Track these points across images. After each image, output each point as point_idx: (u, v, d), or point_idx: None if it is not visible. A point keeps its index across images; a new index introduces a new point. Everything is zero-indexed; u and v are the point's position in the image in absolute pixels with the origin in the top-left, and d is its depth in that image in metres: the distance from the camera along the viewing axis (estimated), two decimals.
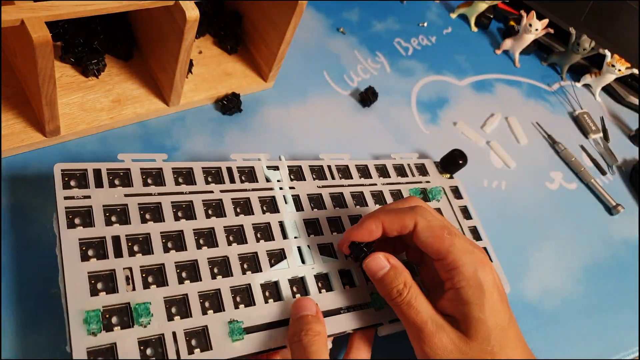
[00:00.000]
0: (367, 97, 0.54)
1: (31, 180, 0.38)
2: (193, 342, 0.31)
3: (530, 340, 0.45)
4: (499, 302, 0.33)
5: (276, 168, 0.42)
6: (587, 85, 0.74)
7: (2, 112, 0.39)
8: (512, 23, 0.73)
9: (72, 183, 0.33)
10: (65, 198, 0.32)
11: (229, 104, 0.47)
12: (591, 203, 0.59)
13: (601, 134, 0.67)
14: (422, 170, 0.49)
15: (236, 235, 0.37)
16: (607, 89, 0.75)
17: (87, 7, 0.32)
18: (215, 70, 0.49)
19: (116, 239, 0.32)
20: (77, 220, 0.32)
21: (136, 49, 0.46)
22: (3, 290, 0.33)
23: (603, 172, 0.63)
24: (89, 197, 0.33)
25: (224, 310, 0.33)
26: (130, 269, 0.32)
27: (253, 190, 0.39)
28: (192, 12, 0.35)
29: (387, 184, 0.46)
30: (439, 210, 0.47)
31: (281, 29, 0.45)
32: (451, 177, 0.50)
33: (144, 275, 0.32)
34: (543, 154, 0.61)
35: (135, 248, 0.33)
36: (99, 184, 0.34)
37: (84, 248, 0.31)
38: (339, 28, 0.61)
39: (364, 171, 0.46)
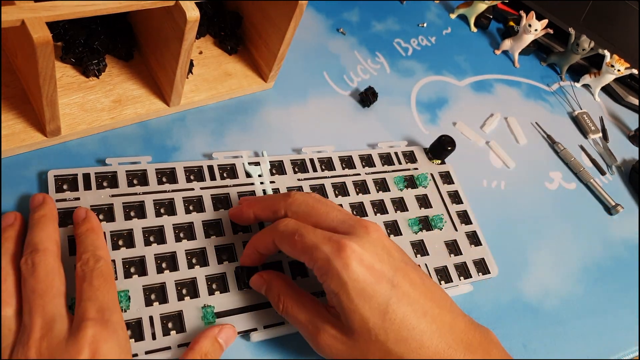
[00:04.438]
0: (366, 98, 0.54)
1: (32, 181, 0.38)
2: (169, 325, 0.34)
3: (530, 340, 0.45)
4: (370, 283, 0.30)
5: (257, 164, 0.44)
6: (586, 86, 0.74)
7: (3, 112, 0.39)
8: (511, 23, 0.73)
9: (65, 186, 0.37)
10: (57, 200, 0.36)
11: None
12: (590, 203, 0.59)
13: (600, 134, 0.67)
14: (411, 157, 0.51)
15: (215, 228, 0.39)
16: (607, 89, 0.75)
17: (87, 7, 0.32)
18: (215, 71, 0.49)
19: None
20: (68, 220, 0.36)
21: (137, 50, 0.46)
22: None
23: (602, 172, 0.63)
24: (78, 198, 0.37)
25: (199, 297, 0.35)
26: (113, 261, 0.35)
27: (233, 186, 0.42)
28: (193, 13, 0.36)
29: (371, 173, 0.47)
30: (424, 196, 0.48)
31: (281, 30, 0.45)
32: (442, 163, 0.51)
33: (126, 266, 0.35)
34: (542, 154, 0.61)
35: (120, 242, 0.36)
36: (87, 186, 0.38)
37: (73, 244, 0.35)
38: (339, 28, 0.61)
39: (348, 162, 0.48)
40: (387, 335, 0.30)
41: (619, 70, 0.67)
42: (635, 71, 0.67)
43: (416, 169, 0.50)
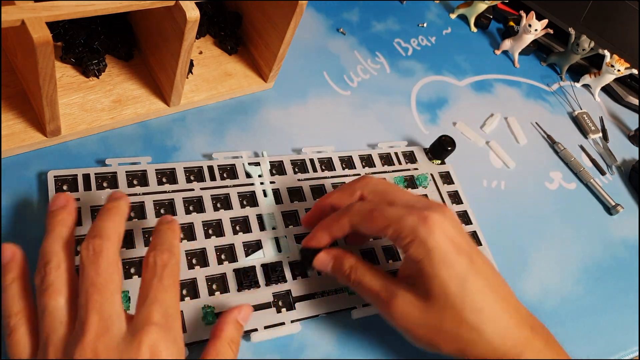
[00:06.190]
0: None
1: (31, 181, 0.38)
2: None
3: None
4: (452, 253, 0.32)
5: (257, 164, 0.44)
6: (586, 86, 0.74)
7: (3, 112, 0.39)
8: (511, 23, 0.73)
9: (65, 187, 0.37)
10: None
11: None
12: (590, 203, 0.59)
13: (600, 134, 0.67)
14: (411, 157, 0.51)
15: (215, 228, 0.39)
16: (607, 89, 0.75)
17: (87, 7, 0.32)
18: (215, 71, 0.49)
19: None
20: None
21: (137, 49, 0.46)
22: None
23: (602, 172, 0.63)
24: (78, 199, 0.37)
25: (199, 297, 0.35)
26: None
27: (233, 186, 0.42)
28: (193, 13, 0.36)
29: (372, 173, 0.48)
30: (425, 196, 0.48)
31: (281, 30, 0.45)
32: (442, 163, 0.51)
33: (126, 266, 0.35)
34: (542, 154, 0.61)
35: None
36: (87, 187, 0.38)
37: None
38: (339, 28, 0.61)
39: (348, 162, 0.48)
40: (463, 304, 0.31)
41: (619, 70, 0.67)
42: (635, 71, 0.67)
43: (416, 169, 0.50)
